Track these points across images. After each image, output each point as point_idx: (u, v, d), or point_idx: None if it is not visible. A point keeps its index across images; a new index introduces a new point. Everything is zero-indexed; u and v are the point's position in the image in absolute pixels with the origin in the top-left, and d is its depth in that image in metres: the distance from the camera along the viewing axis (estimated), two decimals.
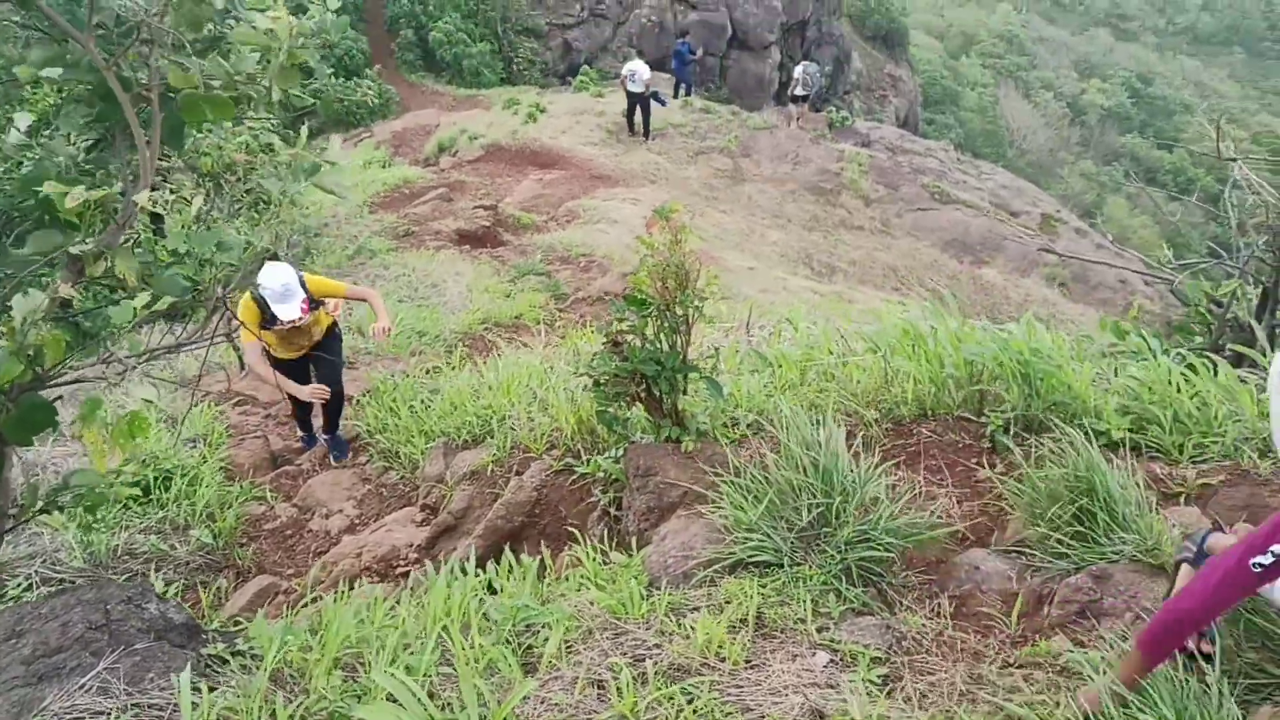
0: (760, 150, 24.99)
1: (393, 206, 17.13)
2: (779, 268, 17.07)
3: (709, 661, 2.85)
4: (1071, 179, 54.60)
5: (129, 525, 5.68)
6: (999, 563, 3.40)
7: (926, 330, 4.68)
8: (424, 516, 5.63)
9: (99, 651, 2.73)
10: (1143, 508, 3.30)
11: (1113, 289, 20.28)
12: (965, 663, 2.86)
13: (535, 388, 6.10)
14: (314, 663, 2.86)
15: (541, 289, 12.50)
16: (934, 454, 4.15)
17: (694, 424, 4.41)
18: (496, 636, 3.10)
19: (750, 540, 3.47)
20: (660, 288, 4.17)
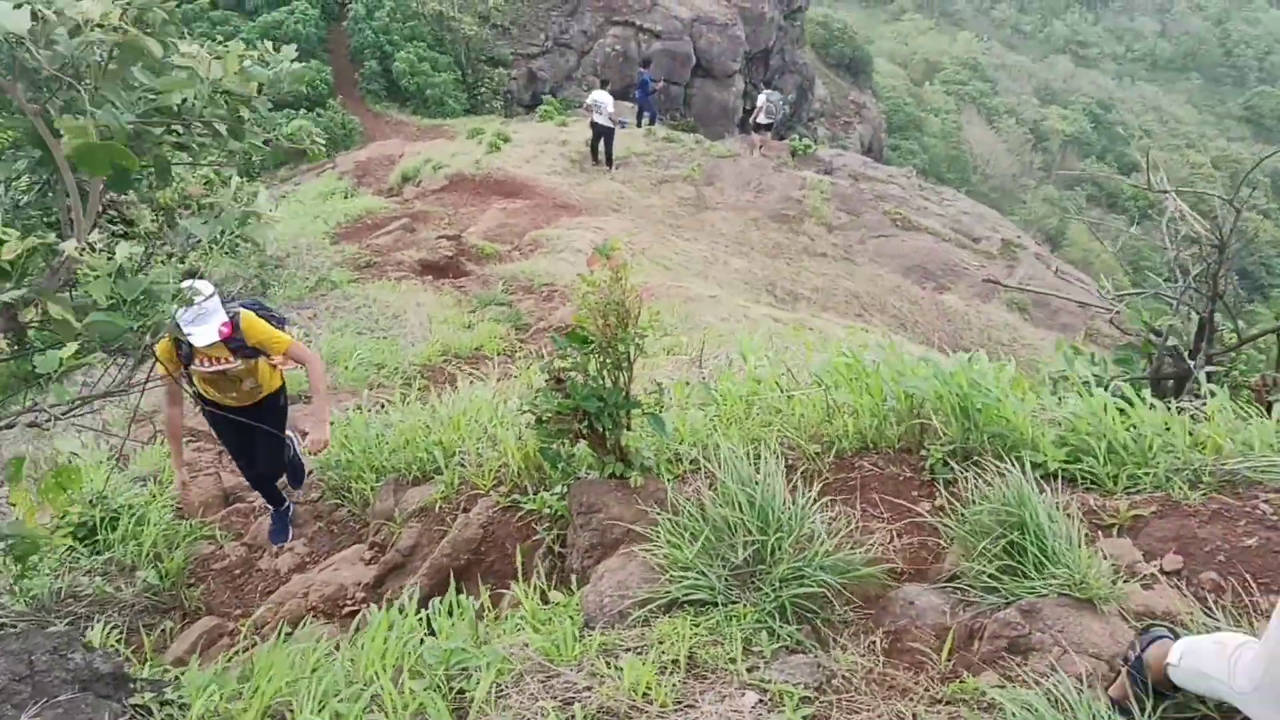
0: (724, 178, 25.17)
1: (355, 237, 17.12)
2: (741, 295, 17.14)
3: (637, 704, 2.85)
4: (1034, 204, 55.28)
5: (74, 567, 5.62)
6: (934, 597, 3.42)
7: (868, 363, 4.71)
8: (372, 554, 5.60)
9: (21, 704, 2.69)
10: (1073, 541, 3.33)
11: (1073, 313, 20.51)
12: (893, 700, 2.87)
13: (485, 423, 6.09)
14: (239, 712, 2.84)
15: (503, 319, 12.52)
16: (874, 488, 4.17)
17: (639, 460, 4.42)
18: (429, 681, 3.08)
19: (685, 579, 3.47)
20: (601, 324, 4.18)
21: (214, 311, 5.07)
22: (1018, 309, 20.99)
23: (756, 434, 4.59)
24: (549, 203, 20.63)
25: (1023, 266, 22.72)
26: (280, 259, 14.83)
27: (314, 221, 17.77)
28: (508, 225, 18.81)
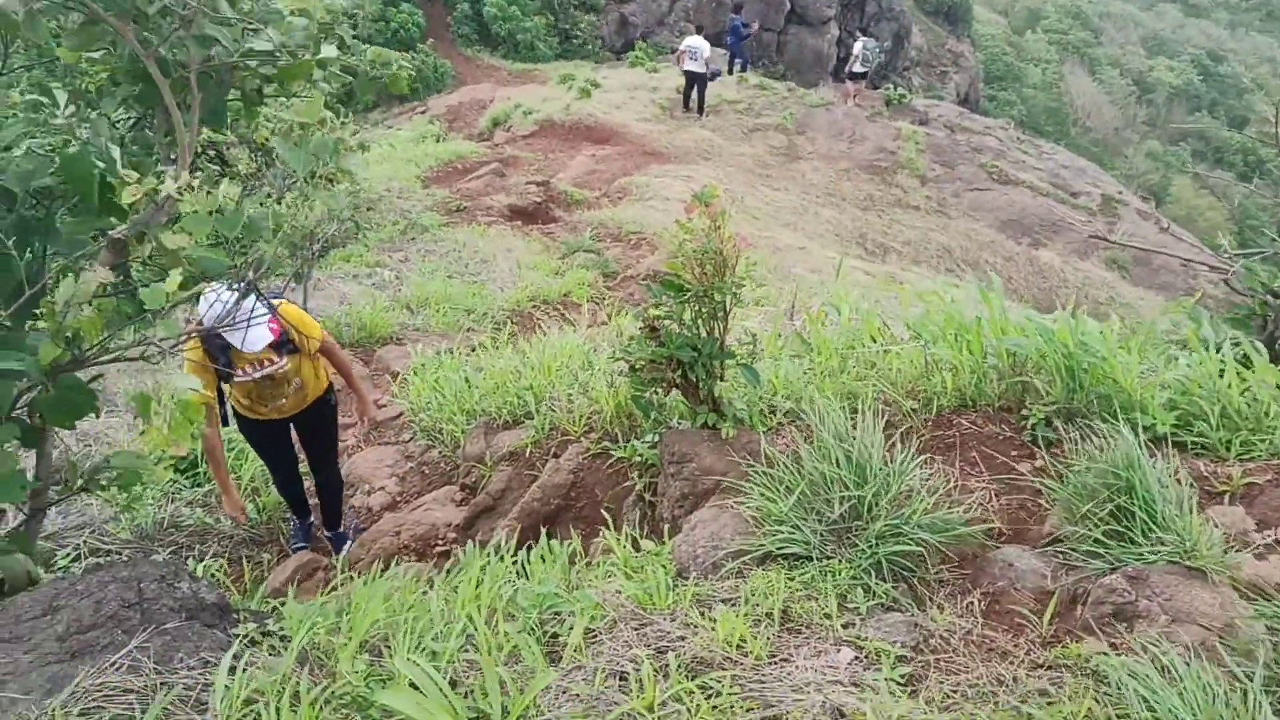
0: (816, 127, 24.77)
1: (445, 181, 17.22)
2: (831, 247, 16.92)
3: (731, 656, 2.83)
4: (1137, 159, 53.47)
5: (175, 498, 5.79)
6: (1034, 560, 3.34)
7: (970, 319, 4.59)
8: (463, 496, 5.67)
9: (131, 630, 2.77)
10: (1183, 507, 3.23)
11: (1174, 273, 19.88)
12: (993, 663, 2.82)
13: (576, 369, 6.11)
14: (340, 646, 2.89)
15: (591, 266, 12.52)
16: (972, 446, 4.08)
17: (731, 411, 4.39)
18: (522, 624, 3.11)
19: (780, 532, 3.44)
20: (698, 273, 4.14)
21: (257, 311, 4.47)
22: (1117, 267, 20.40)
23: (851, 388, 4.52)
24: (638, 150, 20.52)
25: (1123, 223, 22.02)
26: (372, 202, 14.98)
27: (405, 165, 17.91)
28: (596, 172, 18.77)
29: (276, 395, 5.03)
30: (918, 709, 2.57)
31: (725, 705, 2.60)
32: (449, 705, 2.55)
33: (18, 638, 2.75)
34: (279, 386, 5.00)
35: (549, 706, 2.66)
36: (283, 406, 5.10)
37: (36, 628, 2.79)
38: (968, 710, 2.56)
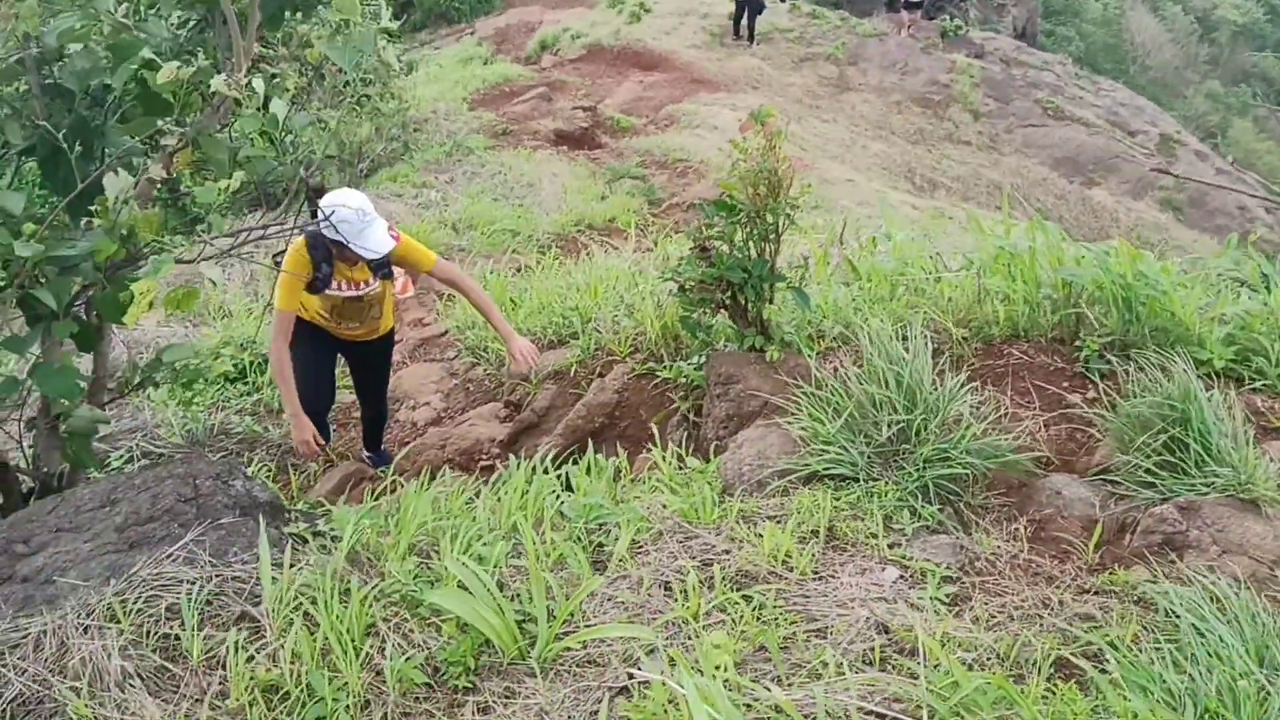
0: (868, 58, 24.33)
1: (492, 104, 17.10)
2: (879, 181, 16.71)
3: (777, 570, 2.85)
4: (1196, 99, 52.06)
5: (225, 406, 5.87)
6: (1082, 489, 3.32)
7: (1024, 249, 4.52)
8: (507, 413, 5.70)
9: (186, 523, 2.82)
10: (1239, 441, 3.19)
11: (1230, 215, 19.46)
12: (1039, 587, 2.81)
13: (622, 291, 6.09)
14: (389, 547, 2.93)
15: (636, 193, 12.44)
16: (1023, 376, 4.04)
17: (779, 334, 4.36)
18: (569, 533, 3.14)
19: (827, 453, 3.44)
20: (751, 194, 4.09)
21: (375, 218, 4.40)
22: (1171, 208, 19.99)
23: (901, 315, 4.48)
24: (686, 77, 20.25)
25: (1181, 164, 21.51)
26: (419, 123, 14.93)
27: (453, 87, 17.79)
28: (644, 98, 18.57)
29: (355, 318, 4.90)
30: (962, 627, 2.57)
31: (769, 617, 2.62)
32: (496, 606, 2.59)
33: (78, 527, 2.81)
34: (362, 310, 4.87)
35: (595, 611, 2.70)
36: (355, 330, 4.97)
37: (96, 518, 2.85)
38: (1012, 630, 2.56)
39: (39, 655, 2.31)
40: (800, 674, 2.37)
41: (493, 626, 2.53)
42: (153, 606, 2.48)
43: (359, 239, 4.28)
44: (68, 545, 2.71)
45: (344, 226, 4.18)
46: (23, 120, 3.40)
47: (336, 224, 4.14)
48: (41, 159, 3.33)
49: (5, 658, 2.30)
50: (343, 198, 4.30)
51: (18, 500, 3.40)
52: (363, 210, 4.27)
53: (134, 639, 2.39)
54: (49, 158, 3.32)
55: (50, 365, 3.18)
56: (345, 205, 4.21)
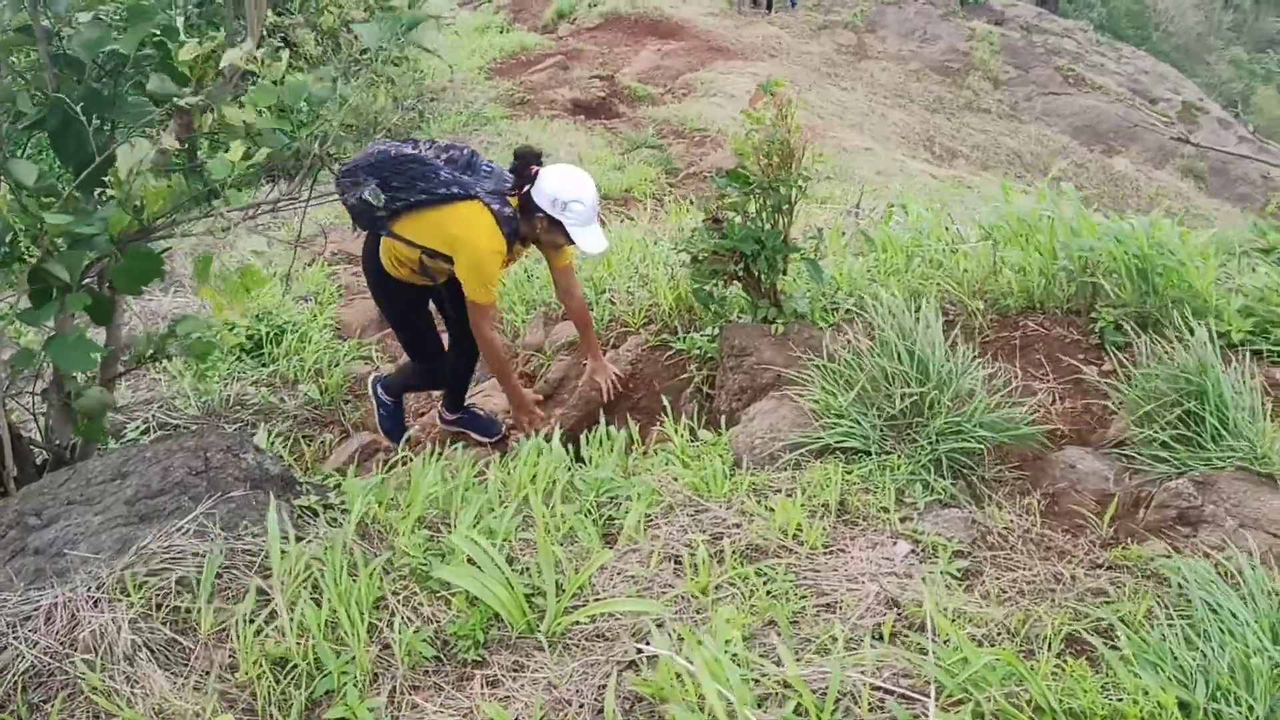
0: (887, 26, 24.09)
1: (509, 73, 17.01)
2: (898, 149, 16.57)
3: (787, 544, 2.84)
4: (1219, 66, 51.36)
5: (241, 377, 5.89)
6: (1097, 462, 3.29)
7: (1040, 219, 4.47)
8: (522, 384, 5.69)
9: (197, 496, 2.83)
10: (1257, 414, 3.15)
11: (1253, 184, 19.22)
12: (1051, 561, 2.80)
13: (636, 262, 6.07)
14: (399, 519, 2.93)
15: (653, 163, 12.36)
16: (1038, 348, 4.01)
17: (792, 305, 4.34)
18: (579, 506, 3.14)
19: (839, 426, 3.42)
20: (764, 164, 4.06)
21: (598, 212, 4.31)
22: (1193, 177, 19.75)
23: (916, 286, 4.45)
24: (704, 45, 20.08)
25: (1203, 131, 21.25)
26: (436, 92, 14.86)
27: (470, 56, 17.70)
28: (661, 67, 18.41)
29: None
30: (973, 602, 2.56)
31: (779, 591, 2.61)
32: (505, 580, 2.59)
33: (88, 500, 2.83)
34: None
35: (604, 586, 2.69)
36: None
37: (106, 491, 2.86)
38: (1023, 605, 2.55)
39: (50, 628, 2.33)
40: (809, 649, 2.36)
41: (501, 600, 2.53)
42: (163, 579, 2.50)
43: (584, 233, 4.22)
44: (79, 518, 2.72)
45: (573, 215, 4.16)
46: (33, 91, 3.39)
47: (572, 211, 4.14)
48: (52, 130, 3.32)
49: (17, 630, 2.32)
50: (580, 187, 4.20)
51: (32, 472, 3.41)
52: (596, 204, 4.25)
53: (144, 612, 2.41)
54: (59, 129, 3.31)
55: (65, 338, 3.19)
56: (583, 199, 4.17)
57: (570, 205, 4.14)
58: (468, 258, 4.19)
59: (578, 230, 4.19)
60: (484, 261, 4.18)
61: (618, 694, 2.23)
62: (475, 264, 4.18)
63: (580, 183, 4.21)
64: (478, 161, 4.42)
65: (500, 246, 4.21)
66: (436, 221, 4.21)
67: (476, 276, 4.20)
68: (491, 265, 4.20)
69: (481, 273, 4.19)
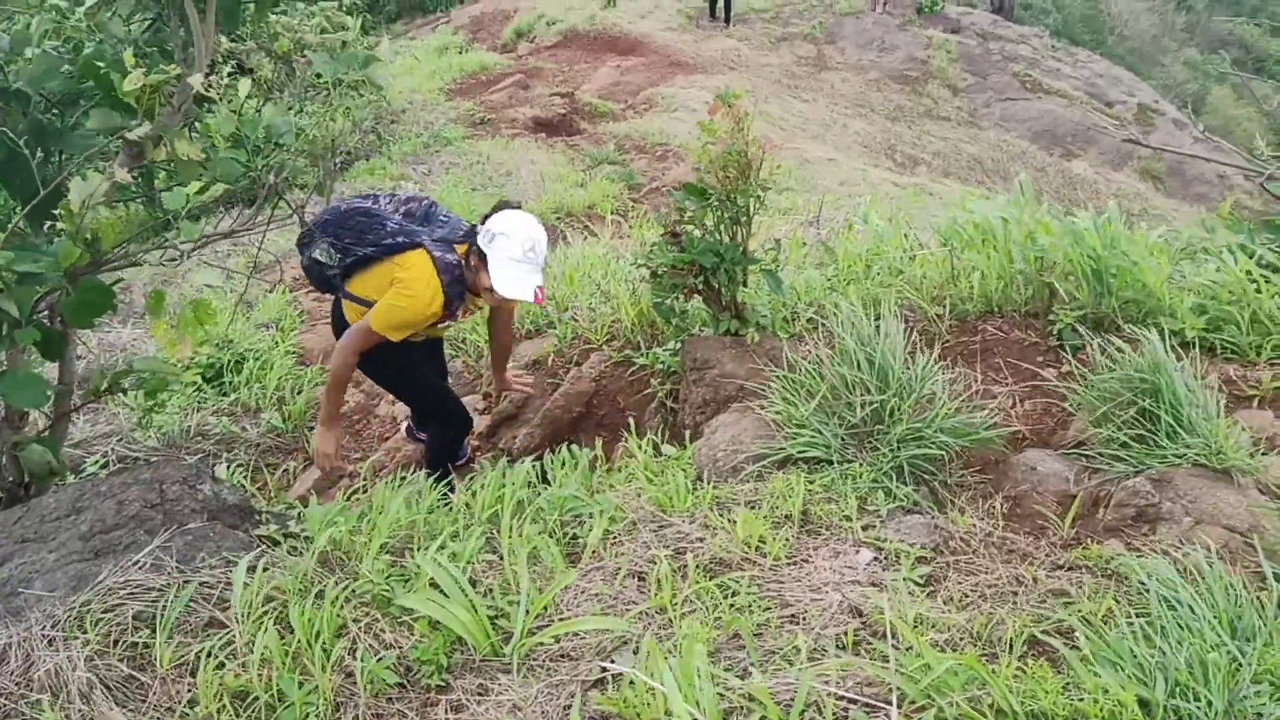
0: (845, 37, 24.30)
1: (469, 93, 17.00)
2: (860, 159, 16.68)
3: (750, 556, 2.84)
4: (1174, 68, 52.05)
5: (201, 407, 5.83)
6: (1057, 464, 3.32)
7: (996, 224, 4.51)
8: (485, 404, 5.67)
9: (153, 530, 2.80)
10: (1210, 410, 3.18)
11: (1209, 183, 19.50)
12: (1013, 564, 2.81)
13: (599, 278, 6.07)
14: (362, 546, 2.91)
15: (615, 178, 12.37)
16: (997, 352, 4.04)
17: (753, 317, 4.35)
18: (543, 526, 3.12)
19: (801, 436, 3.43)
20: (721, 176, 4.07)
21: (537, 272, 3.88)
22: (1150, 178, 20.01)
23: (875, 294, 4.47)
24: (663, 60, 20.17)
25: (1159, 133, 21.53)
26: (395, 114, 14.84)
27: (429, 77, 17.69)
28: (621, 83, 18.47)
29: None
30: (935, 608, 2.57)
31: (743, 604, 2.61)
32: (468, 603, 2.57)
33: (43, 537, 2.79)
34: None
35: (569, 605, 2.68)
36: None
37: (61, 527, 2.83)
38: (986, 610, 2.56)
39: (5, 668, 2.29)
40: (774, 660, 2.36)
41: (464, 624, 2.51)
42: (119, 615, 2.46)
43: (504, 270, 3.80)
44: (33, 556, 2.68)
45: (498, 249, 3.78)
46: None
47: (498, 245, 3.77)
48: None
49: None
50: (518, 224, 3.82)
51: None
52: (530, 246, 3.82)
53: (100, 649, 2.37)
54: (6, 163, 3.28)
55: (15, 374, 3.15)
56: (512, 234, 3.78)
57: (498, 237, 3.78)
58: (392, 297, 3.87)
59: (498, 266, 3.78)
60: (403, 309, 3.86)
61: (584, 713, 2.22)
62: (393, 306, 3.86)
63: (520, 221, 3.85)
64: (435, 211, 4.22)
65: (434, 301, 3.86)
66: (383, 273, 3.98)
67: (389, 316, 3.87)
68: (411, 316, 3.87)
69: (395, 316, 3.87)
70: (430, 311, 3.88)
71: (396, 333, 3.89)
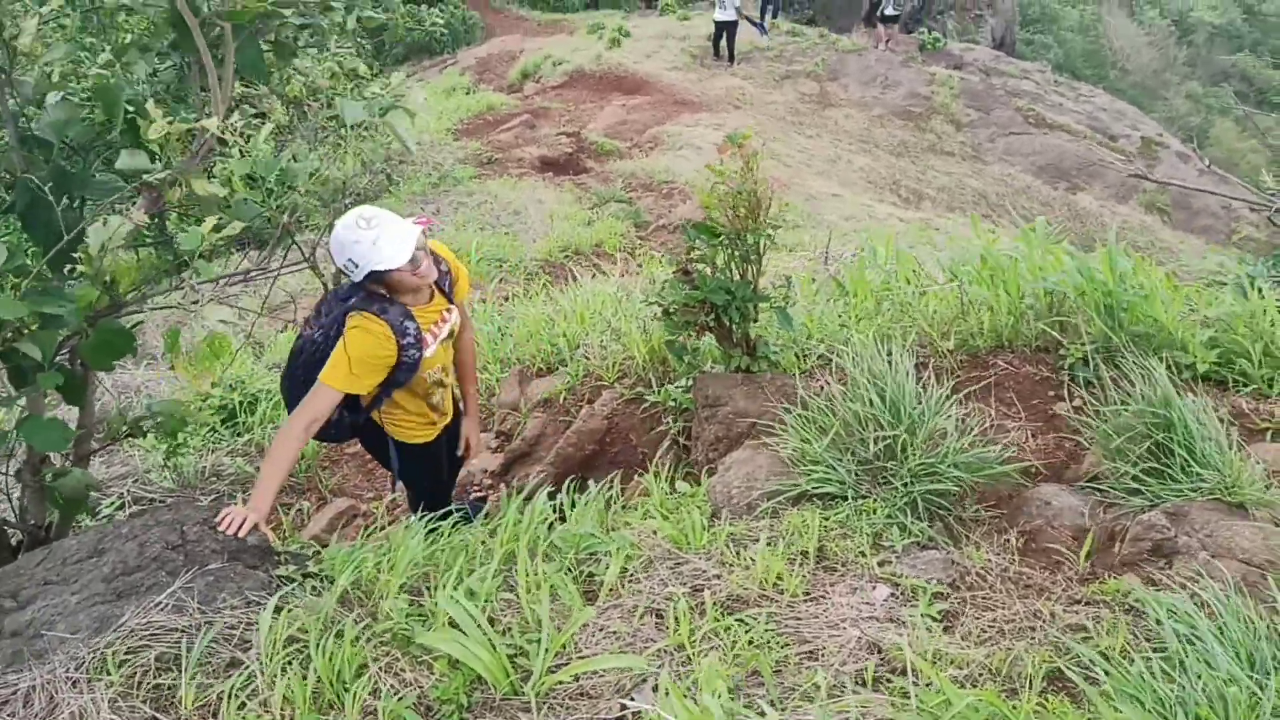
0: (849, 74, 24.45)
1: (476, 133, 17.16)
2: (865, 194, 16.76)
3: (767, 593, 2.85)
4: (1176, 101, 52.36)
5: (216, 448, 5.86)
6: (1071, 498, 3.33)
7: (1006, 259, 4.54)
8: (498, 443, 5.70)
9: (175, 571, 2.82)
10: (1224, 444, 3.20)
11: (1215, 215, 19.55)
12: (1029, 599, 2.81)
13: (609, 316, 6.11)
14: (381, 586, 2.92)
15: (623, 216, 12.46)
16: (1009, 386, 4.06)
17: (765, 354, 4.37)
18: (560, 564, 3.13)
19: (815, 472, 3.44)
20: (731, 216, 4.11)
21: (383, 218, 3.42)
22: (1156, 211, 20.07)
23: (887, 330, 4.50)
24: (669, 99, 20.33)
25: (1163, 166, 21.62)
26: (404, 155, 14.98)
27: (437, 118, 17.86)
28: (627, 122, 18.62)
29: (444, 380, 4.01)
30: (954, 644, 2.57)
31: (761, 641, 2.62)
32: (487, 642, 2.58)
33: (65, 579, 2.81)
34: (447, 357, 3.98)
35: (587, 643, 2.69)
36: (445, 404, 4.10)
37: (83, 569, 2.85)
38: (1004, 645, 2.56)
39: (29, 711, 2.30)
40: (794, 697, 2.37)
41: (484, 663, 2.52)
42: (142, 657, 2.48)
43: (378, 254, 3.35)
44: (55, 598, 2.70)
45: (357, 251, 3.34)
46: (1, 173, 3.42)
47: (351, 258, 3.35)
48: (21, 211, 3.34)
49: None
50: (337, 238, 3.39)
51: (7, 555, 3.39)
52: (362, 219, 3.36)
53: (124, 690, 2.39)
54: (29, 209, 3.33)
55: (38, 418, 3.18)
56: (339, 234, 3.38)
57: (344, 248, 3.37)
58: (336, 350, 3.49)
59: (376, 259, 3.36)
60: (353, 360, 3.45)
61: None
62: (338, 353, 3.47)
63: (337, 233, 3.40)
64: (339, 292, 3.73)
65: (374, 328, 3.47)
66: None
67: (335, 366, 3.46)
68: (359, 352, 3.44)
69: (340, 363, 3.45)
70: (381, 344, 3.47)
71: (347, 380, 3.46)
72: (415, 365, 3.61)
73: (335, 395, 3.48)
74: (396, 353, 3.52)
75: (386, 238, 3.35)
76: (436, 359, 3.78)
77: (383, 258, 3.35)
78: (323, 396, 3.46)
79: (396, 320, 3.50)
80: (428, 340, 3.66)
